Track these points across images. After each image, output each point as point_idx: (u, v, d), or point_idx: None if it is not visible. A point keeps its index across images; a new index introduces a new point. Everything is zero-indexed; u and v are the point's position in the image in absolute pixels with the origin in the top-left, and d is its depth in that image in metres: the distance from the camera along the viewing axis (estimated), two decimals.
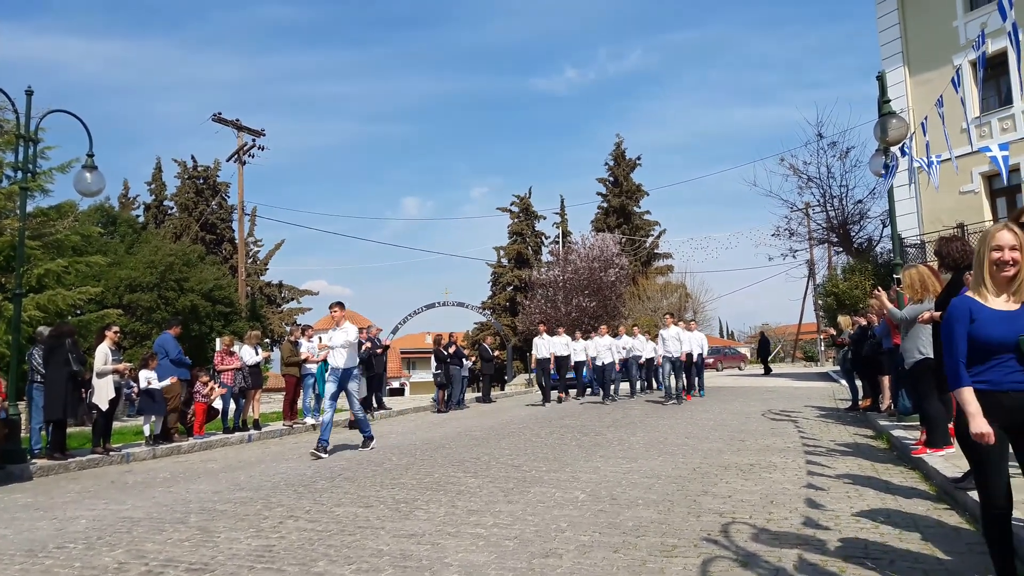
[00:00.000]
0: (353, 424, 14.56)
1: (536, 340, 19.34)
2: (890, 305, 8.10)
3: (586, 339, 20.38)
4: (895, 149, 10.80)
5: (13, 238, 14.49)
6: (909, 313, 7.50)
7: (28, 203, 11.60)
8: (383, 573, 4.41)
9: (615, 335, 19.84)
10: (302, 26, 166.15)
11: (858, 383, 13.44)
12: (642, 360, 19.90)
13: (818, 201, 27.46)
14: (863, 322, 12.65)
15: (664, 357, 17.54)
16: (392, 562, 4.61)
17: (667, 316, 19.17)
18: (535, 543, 4.92)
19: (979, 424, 3.25)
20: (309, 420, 14.62)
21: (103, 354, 10.56)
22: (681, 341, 17.31)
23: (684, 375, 17.70)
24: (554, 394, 19.13)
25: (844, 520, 5.22)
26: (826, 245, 32.31)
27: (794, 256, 31.02)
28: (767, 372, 31.58)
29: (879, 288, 9.24)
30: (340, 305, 10.84)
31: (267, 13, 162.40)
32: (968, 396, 3.31)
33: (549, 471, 7.93)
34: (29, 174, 11.00)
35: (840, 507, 5.65)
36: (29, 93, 10.49)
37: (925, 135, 10.84)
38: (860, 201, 26.35)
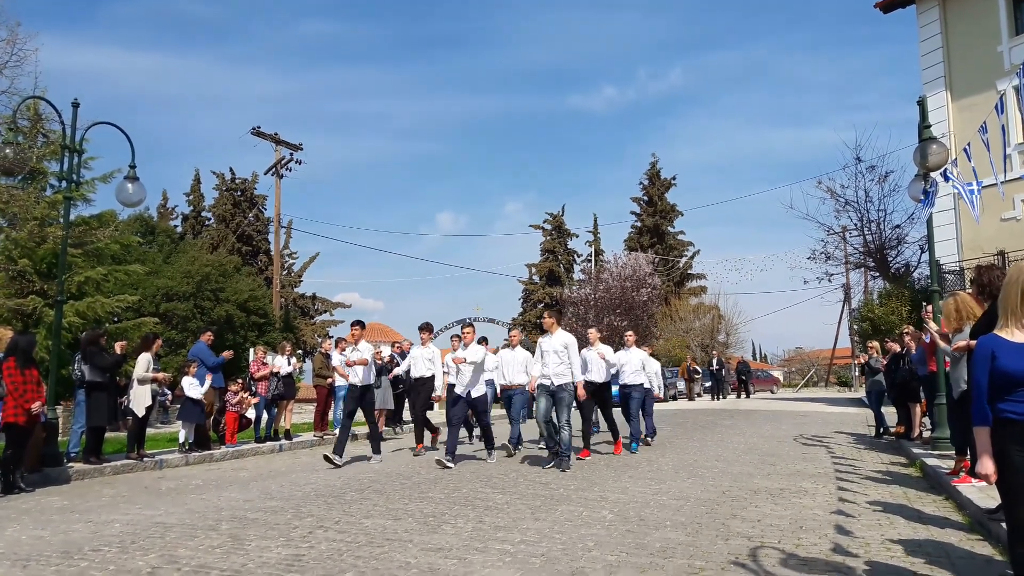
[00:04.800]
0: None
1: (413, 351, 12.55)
2: (941, 342, 7.97)
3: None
4: (935, 175, 10.68)
5: (56, 246, 14.83)
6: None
7: (71, 212, 11.85)
8: None
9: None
10: (342, 44, 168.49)
11: (891, 410, 13.22)
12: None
13: (855, 225, 27.16)
14: (897, 348, 12.48)
15: (540, 386, 10.10)
16: (420, 575, 4.64)
17: (545, 315, 10.43)
18: (562, 561, 4.91)
19: (985, 465, 3.37)
20: None
21: (145, 362, 10.72)
22: (583, 361, 10.68)
23: (602, 414, 12.22)
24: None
25: (874, 548, 5.16)
26: (862, 270, 31.92)
27: (830, 280, 30.64)
28: (740, 395, 33.10)
29: (930, 313, 9.18)
30: None
31: (308, 30, 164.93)
32: (983, 437, 3.42)
33: (577, 490, 7.92)
34: (73, 184, 11.28)
35: (871, 534, 5.58)
36: (75, 105, 10.72)
37: (970, 160, 10.66)
38: (898, 226, 26.03)
